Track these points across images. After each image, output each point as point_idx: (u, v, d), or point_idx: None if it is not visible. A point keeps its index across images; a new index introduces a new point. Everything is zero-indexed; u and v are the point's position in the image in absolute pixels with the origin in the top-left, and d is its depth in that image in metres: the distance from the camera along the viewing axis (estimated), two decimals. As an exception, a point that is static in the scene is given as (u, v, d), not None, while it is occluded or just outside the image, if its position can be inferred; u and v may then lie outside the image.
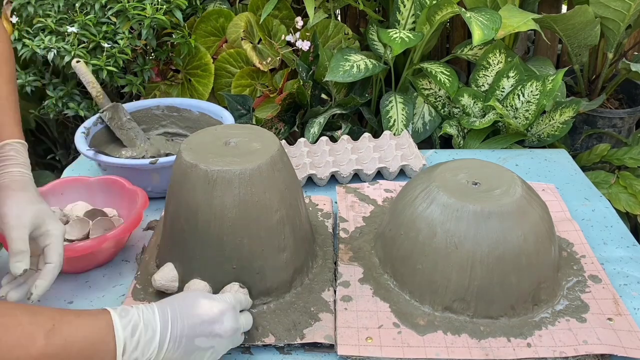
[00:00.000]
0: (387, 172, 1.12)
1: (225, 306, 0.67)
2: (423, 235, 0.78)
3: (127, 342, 0.59)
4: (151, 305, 0.64)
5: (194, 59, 1.56)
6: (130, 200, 0.92)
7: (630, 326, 0.75)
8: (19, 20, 1.36)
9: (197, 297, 0.67)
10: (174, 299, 0.67)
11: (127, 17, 1.34)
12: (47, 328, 0.55)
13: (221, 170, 0.75)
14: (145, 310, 0.63)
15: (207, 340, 0.65)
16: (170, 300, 0.66)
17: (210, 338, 0.65)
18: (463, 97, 1.41)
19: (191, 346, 0.64)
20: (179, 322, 0.63)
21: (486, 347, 0.73)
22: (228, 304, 0.68)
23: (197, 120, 1.19)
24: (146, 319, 0.62)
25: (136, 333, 0.60)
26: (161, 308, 0.64)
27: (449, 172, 0.83)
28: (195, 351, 0.64)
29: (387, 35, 1.36)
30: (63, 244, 0.73)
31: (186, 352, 0.63)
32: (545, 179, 1.12)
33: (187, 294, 0.69)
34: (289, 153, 1.16)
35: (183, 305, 0.65)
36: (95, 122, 1.12)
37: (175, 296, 0.68)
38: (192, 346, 0.64)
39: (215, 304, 0.67)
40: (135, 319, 0.61)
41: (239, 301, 0.71)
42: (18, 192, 0.72)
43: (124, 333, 0.59)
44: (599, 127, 1.54)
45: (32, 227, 0.70)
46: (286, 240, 0.80)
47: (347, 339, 0.73)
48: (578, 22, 1.36)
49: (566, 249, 0.90)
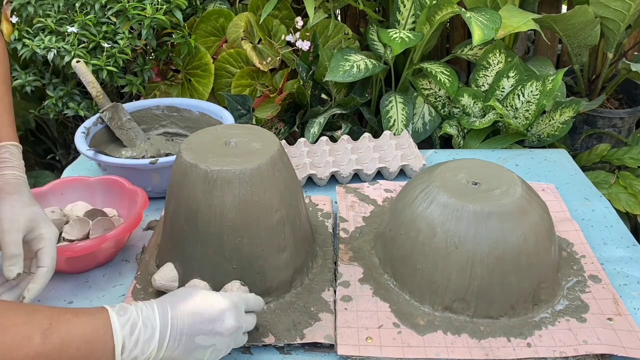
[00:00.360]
0: (387, 172, 1.12)
1: (227, 304, 0.66)
2: (423, 235, 0.78)
3: (126, 341, 0.59)
4: (150, 303, 0.64)
5: (194, 59, 1.56)
6: (130, 200, 0.92)
7: (630, 326, 0.75)
8: (19, 20, 1.36)
9: (199, 295, 0.67)
10: (174, 295, 0.67)
11: (127, 17, 1.34)
12: (44, 327, 0.55)
13: (221, 170, 0.75)
14: (144, 308, 0.62)
15: (207, 339, 0.64)
16: (171, 298, 0.66)
17: (211, 336, 0.65)
18: (463, 97, 1.41)
19: (192, 344, 0.63)
20: (179, 320, 0.63)
21: (486, 347, 0.73)
22: (230, 302, 0.67)
23: (197, 120, 1.19)
24: (145, 317, 0.61)
25: (135, 331, 0.60)
26: (161, 305, 0.63)
27: (449, 172, 0.83)
28: (196, 349, 0.64)
29: (387, 35, 1.36)
30: (56, 247, 0.73)
31: (187, 350, 0.63)
32: (545, 179, 1.12)
33: (188, 291, 0.68)
34: (289, 153, 1.15)
35: (184, 302, 0.65)
36: (95, 122, 1.12)
37: (175, 292, 0.68)
38: (193, 344, 0.63)
39: (217, 301, 0.66)
40: (134, 317, 0.61)
41: (244, 301, 0.70)
42: (12, 196, 0.72)
43: (122, 332, 0.59)
44: (599, 127, 1.54)
45: (26, 230, 0.71)
46: (286, 240, 0.80)
47: (347, 339, 0.73)
48: (578, 22, 1.36)
49: (566, 249, 0.90)
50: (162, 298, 0.66)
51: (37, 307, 0.58)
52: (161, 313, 0.63)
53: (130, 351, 0.59)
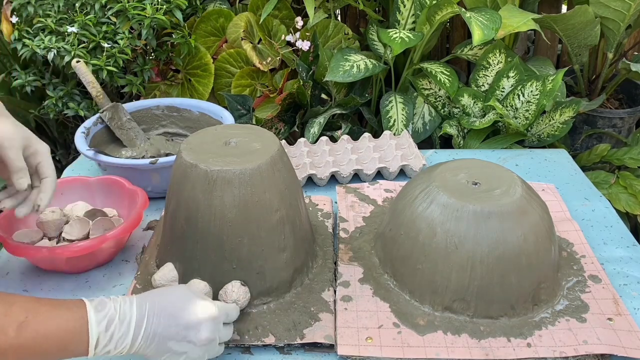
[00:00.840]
0: (387, 172, 1.12)
1: (207, 315, 0.65)
2: (423, 235, 0.78)
3: (101, 337, 0.59)
4: (131, 299, 0.63)
5: (194, 59, 1.56)
6: (130, 200, 0.92)
7: (630, 326, 0.75)
8: (19, 20, 1.36)
9: (182, 298, 0.66)
10: (158, 293, 0.66)
11: (127, 17, 1.34)
12: (20, 320, 0.56)
13: (221, 170, 0.75)
14: (122, 304, 0.62)
15: (179, 345, 0.63)
16: (153, 296, 0.65)
17: (184, 343, 0.64)
18: (463, 97, 1.41)
19: (163, 347, 0.63)
20: (154, 319, 0.62)
21: (486, 347, 0.73)
22: (211, 313, 0.66)
23: (197, 120, 1.19)
24: (122, 314, 0.61)
25: (110, 328, 0.60)
26: (140, 303, 0.63)
27: (449, 172, 0.83)
28: (167, 352, 0.63)
29: (387, 35, 1.36)
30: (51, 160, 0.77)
31: (158, 351, 0.63)
32: (545, 179, 1.12)
33: (173, 291, 0.67)
34: (289, 153, 1.16)
35: (164, 303, 0.64)
36: (95, 122, 1.12)
37: (161, 290, 0.67)
38: (165, 347, 0.63)
39: (197, 309, 0.65)
40: (111, 314, 0.61)
41: (225, 313, 0.69)
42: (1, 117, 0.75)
43: (97, 328, 0.59)
44: (599, 127, 1.54)
45: (23, 147, 0.74)
46: (286, 240, 0.80)
47: (347, 339, 0.73)
48: (578, 22, 1.36)
49: (566, 249, 0.90)
50: (144, 294, 0.65)
51: (17, 298, 0.59)
52: (139, 310, 0.62)
53: (104, 346, 0.60)
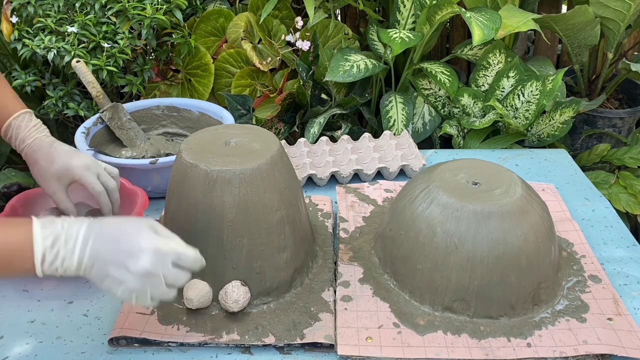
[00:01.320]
0: (387, 172, 1.12)
1: (150, 246, 0.62)
2: (423, 235, 0.78)
3: (47, 253, 0.60)
4: (82, 219, 0.63)
5: (194, 59, 1.56)
6: (130, 200, 0.92)
7: (630, 326, 0.75)
8: (19, 20, 1.36)
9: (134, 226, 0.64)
10: (114, 221, 0.65)
11: (127, 17, 1.33)
12: None
13: (221, 170, 0.75)
14: (72, 224, 0.62)
15: (117, 272, 0.62)
16: (106, 220, 0.64)
17: (122, 271, 0.62)
18: (463, 97, 1.41)
19: (104, 271, 0.62)
20: (99, 241, 0.62)
21: (486, 347, 0.73)
22: (155, 245, 0.63)
23: (197, 120, 1.19)
24: (69, 233, 0.61)
25: (56, 245, 0.60)
26: (91, 224, 0.63)
27: (449, 172, 0.83)
28: (107, 278, 0.62)
29: (387, 35, 1.37)
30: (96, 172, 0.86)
31: (99, 275, 0.62)
32: (545, 179, 1.12)
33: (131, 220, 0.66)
34: (289, 153, 1.16)
35: (113, 228, 0.64)
36: (95, 122, 1.12)
37: (117, 218, 0.66)
38: (105, 271, 0.62)
39: (142, 239, 0.63)
40: (58, 231, 0.61)
41: (177, 252, 0.64)
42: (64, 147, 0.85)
43: (43, 243, 0.60)
44: (599, 127, 1.54)
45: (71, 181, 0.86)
46: (286, 240, 0.80)
47: (347, 339, 0.73)
48: (578, 22, 1.36)
49: (566, 249, 0.90)
50: (99, 218, 0.65)
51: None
52: (87, 231, 0.62)
53: (50, 263, 0.60)
